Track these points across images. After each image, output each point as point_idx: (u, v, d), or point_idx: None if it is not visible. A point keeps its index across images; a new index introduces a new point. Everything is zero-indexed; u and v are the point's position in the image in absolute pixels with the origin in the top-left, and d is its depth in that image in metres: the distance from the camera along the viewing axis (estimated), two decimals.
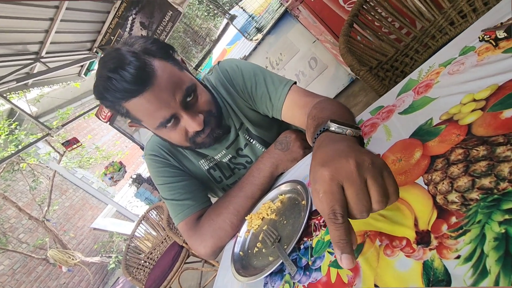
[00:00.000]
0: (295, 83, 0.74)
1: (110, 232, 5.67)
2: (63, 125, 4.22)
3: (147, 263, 2.38)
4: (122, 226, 5.71)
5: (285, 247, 0.50)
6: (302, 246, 0.47)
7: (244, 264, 0.57)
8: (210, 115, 0.68)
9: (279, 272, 0.47)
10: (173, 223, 2.31)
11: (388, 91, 1.09)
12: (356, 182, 0.30)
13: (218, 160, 0.84)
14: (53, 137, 4.08)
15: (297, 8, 2.22)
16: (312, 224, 0.48)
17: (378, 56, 1.14)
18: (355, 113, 0.55)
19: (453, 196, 0.31)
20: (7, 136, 4.68)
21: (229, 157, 0.83)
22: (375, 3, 1.15)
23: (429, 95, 0.46)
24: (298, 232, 0.48)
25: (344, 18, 1.93)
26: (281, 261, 0.46)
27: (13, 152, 4.43)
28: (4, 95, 3.64)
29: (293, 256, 0.46)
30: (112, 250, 5.42)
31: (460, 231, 0.28)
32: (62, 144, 4.33)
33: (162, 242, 2.49)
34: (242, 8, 4.85)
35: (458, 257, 0.26)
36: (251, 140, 0.83)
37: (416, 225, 0.32)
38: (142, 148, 4.86)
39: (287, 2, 2.37)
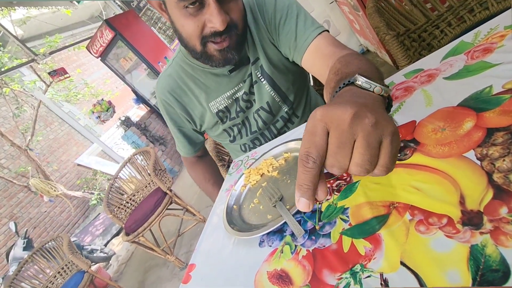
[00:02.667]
0: (328, 31, 0.65)
1: (94, 170, 5.65)
2: (50, 53, 3.94)
3: (129, 204, 2.40)
4: (106, 166, 5.69)
5: (287, 207, 0.45)
6: None
7: (237, 219, 0.52)
8: (235, 28, 0.60)
9: (279, 232, 0.43)
10: (159, 169, 2.28)
11: (411, 63, 1.01)
12: (342, 132, 0.25)
13: (232, 97, 0.78)
14: (39, 64, 3.83)
15: None
16: None
17: (406, 23, 1.03)
18: None
19: None
20: None
21: (242, 92, 0.77)
22: None
23: (488, 60, 0.39)
24: None
25: None
26: (283, 221, 0.42)
27: None
28: None
29: (297, 218, 0.42)
30: (94, 187, 5.45)
31: None
32: (49, 73, 4.07)
33: (146, 186, 2.48)
34: None
35: None
36: (262, 79, 0.75)
37: (462, 203, 0.27)
38: (134, 91, 4.66)
39: None
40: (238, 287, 0.39)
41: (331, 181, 0.43)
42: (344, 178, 0.42)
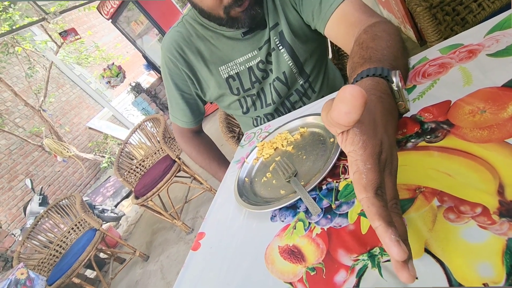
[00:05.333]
0: None
1: (104, 134, 5.75)
2: (61, 12, 3.84)
3: (139, 169, 2.45)
4: (117, 131, 5.77)
5: (302, 183, 0.44)
6: (324, 187, 0.41)
7: (248, 192, 0.52)
8: None
9: (292, 208, 0.42)
10: (168, 137, 2.29)
11: (441, 39, 0.94)
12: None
13: (245, 65, 0.74)
14: (49, 23, 3.75)
15: None
16: (341, 165, 0.42)
17: None
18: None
19: None
20: (0, 13, 4.29)
21: (258, 60, 0.73)
22: None
23: None
24: (324, 169, 0.41)
25: None
26: (298, 197, 0.40)
27: (5, 32, 4.12)
28: None
29: (312, 195, 0.41)
30: (105, 151, 5.57)
31: None
32: (60, 34, 4.00)
33: (155, 153, 2.51)
34: None
35: None
36: (280, 47, 0.71)
37: (500, 192, 0.25)
38: (144, 57, 4.59)
39: None
40: (248, 259, 0.39)
41: None
42: None
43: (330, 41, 0.94)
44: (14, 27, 4.32)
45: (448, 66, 0.42)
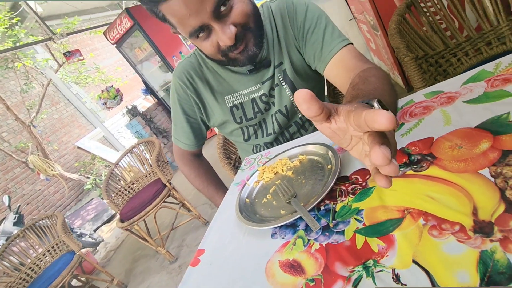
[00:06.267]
0: (352, 44, 0.68)
1: (92, 155, 5.66)
2: (68, 34, 3.99)
3: (127, 192, 2.41)
4: (106, 152, 5.70)
5: (302, 204, 0.47)
6: (322, 208, 0.45)
7: (249, 211, 0.55)
8: (246, 29, 0.61)
9: (291, 226, 0.45)
10: (161, 161, 2.30)
11: (426, 86, 1.04)
12: None
13: (248, 96, 0.80)
14: (55, 43, 3.87)
15: None
16: (338, 189, 0.46)
17: (425, 48, 1.07)
18: None
19: None
20: (6, 29, 4.40)
21: (261, 93, 0.79)
22: None
23: (508, 89, 0.42)
24: (321, 192, 0.45)
25: (394, 0, 1.79)
26: (298, 215, 0.44)
27: (9, 48, 4.21)
28: None
29: (311, 215, 0.44)
30: (91, 172, 5.45)
31: None
32: (64, 54, 4.11)
33: (146, 176, 2.50)
34: None
35: None
36: (283, 83, 0.78)
37: (474, 213, 0.30)
38: (144, 81, 4.70)
39: None
40: (249, 273, 0.41)
41: (346, 185, 0.46)
42: (360, 182, 0.44)
43: (327, 80, 1.03)
44: (18, 44, 4.43)
45: (431, 109, 0.49)
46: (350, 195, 0.43)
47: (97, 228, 4.35)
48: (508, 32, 0.99)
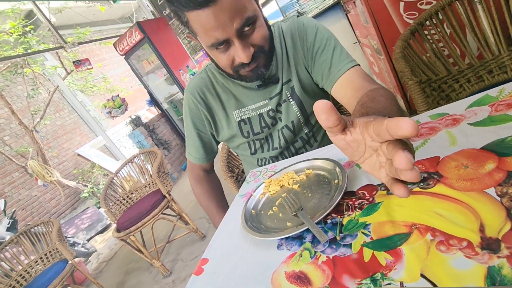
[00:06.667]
0: (359, 65, 0.71)
1: (92, 163, 5.65)
2: (79, 43, 4.09)
3: (125, 201, 2.39)
4: (105, 161, 5.69)
5: (308, 216, 0.48)
6: (329, 221, 0.45)
7: (254, 222, 0.55)
8: (261, 51, 0.65)
9: (298, 238, 0.46)
10: (162, 172, 2.30)
11: (429, 110, 1.06)
12: None
13: (256, 111, 0.82)
14: (66, 51, 3.97)
15: (353, 2, 2.13)
16: (345, 203, 0.47)
17: (428, 73, 1.10)
18: None
19: None
20: (19, 36, 4.52)
21: (268, 109, 0.82)
22: (444, 18, 1.09)
23: (511, 114, 0.43)
24: (328, 206, 0.46)
25: (398, 26, 1.85)
26: (305, 227, 0.44)
27: (20, 54, 4.31)
28: None
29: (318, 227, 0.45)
30: (89, 180, 5.42)
31: None
32: (73, 62, 4.20)
33: (146, 186, 2.48)
34: None
35: None
36: (290, 99, 0.81)
37: (482, 230, 0.31)
38: (149, 93, 4.78)
39: None
40: (254, 283, 0.41)
41: (353, 199, 0.46)
42: (367, 198, 0.45)
43: (333, 98, 1.05)
44: (29, 51, 4.54)
45: (437, 130, 0.50)
46: (357, 210, 0.44)
47: (91, 238, 4.27)
48: (509, 62, 1.02)
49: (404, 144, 0.28)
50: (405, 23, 1.83)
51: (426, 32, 1.10)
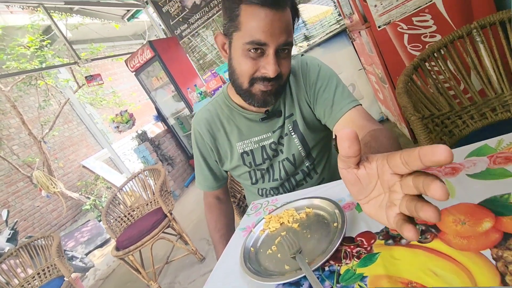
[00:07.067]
0: (361, 105, 0.73)
1: (96, 175, 5.69)
2: (92, 59, 4.23)
3: (126, 218, 2.39)
4: (110, 174, 5.72)
5: (307, 261, 0.48)
6: (327, 268, 0.45)
7: (253, 261, 0.55)
8: (280, 79, 0.69)
9: (295, 284, 0.46)
10: (165, 190, 2.30)
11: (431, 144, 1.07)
12: None
13: (259, 143, 0.84)
14: (79, 66, 4.10)
15: (359, 32, 2.19)
16: (343, 250, 0.47)
17: (431, 108, 1.12)
18: None
19: None
20: (36, 50, 4.70)
21: (270, 141, 0.84)
22: (447, 55, 1.12)
23: (509, 169, 0.44)
24: (327, 252, 0.46)
25: (402, 57, 1.90)
26: (303, 274, 0.44)
27: (36, 67, 4.47)
28: (49, 11, 3.66)
29: (315, 275, 0.45)
30: (92, 192, 5.43)
31: None
32: (86, 77, 4.33)
33: (148, 204, 2.48)
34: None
35: None
36: (292, 133, 0.83)
37: None
38: (156, 108, 4.87)
39: (350, 22, 2.34)
40: None
41: (352, 247, 0.47)
42: (365, 246, 0.45)
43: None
44: (44, 64, 4.70)
45: None
46: (355, 259, 0.44)
47: (89, 252, 4.23)
48: None
49: (435, 176, 0.27)
50: (409, 54, 1.87)
51: (429, 67, 1.13)
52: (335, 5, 3.64)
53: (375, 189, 0.34)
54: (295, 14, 0.68)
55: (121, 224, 2.32)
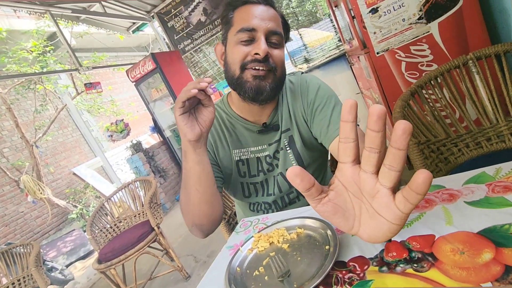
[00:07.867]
0: (358, 125, 0.72)
1: (86, 183, 5.56)
2: (94, 68, 4.26)
3: (112, 229, 2.30)
4: (100, 183, 5.60)
5: (295, 285, 0.45)
6: None
7: (238, 283, 0.52)
8: (274, 70, 0.71)
9: None
10: (154, 202, 2.24)
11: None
12: None
13: (254, 154, 0.83)
14: (80, 74, 4.11)
15: (358, 57, 2.24)
16: (334, 275, 0.44)
17: (427, 134, 1.12)
18: None
19: None
20: (38, 55, 4.73)
21: (266, 154, 0.82)
22: (444, 83, 1.13)
23: (509, 198, 0.42)
24: (317, 277, 0.43)
25: (399, 84, 1.93)
26: None
27: (37, 71, 4.48)
28: (55, 18, 3.71)
29: None
30: (80, 201, 5.29)
31: None
32: (85, 84, 4.34)
33: (136, 215, 2.41)
34: (300, 34, 5.03)
35: None
36: (288, 148, 0.82)
37: None
38: (153, 119, 4.86)
39: (350, 46, 2.40)
40: None
41: (344, 272, 0.44)
42: (358, 272, 0.43)
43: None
44: (45, 69, 4.71)
45: (433, 204, 0.49)
46: (347, 285, 0.41)
47: (71, 264, 4.05)
48: (507, 132, 1.04)
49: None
50: (406, 81, 1.91)
51: (426, 95, 1.14)
52: (335, 31, 3.75)
53: (353, 204, 0.36)
54: (286, 28, 0.76)
55: (106, 236, 2.24)
